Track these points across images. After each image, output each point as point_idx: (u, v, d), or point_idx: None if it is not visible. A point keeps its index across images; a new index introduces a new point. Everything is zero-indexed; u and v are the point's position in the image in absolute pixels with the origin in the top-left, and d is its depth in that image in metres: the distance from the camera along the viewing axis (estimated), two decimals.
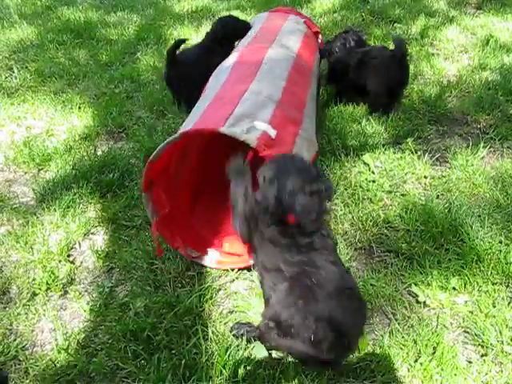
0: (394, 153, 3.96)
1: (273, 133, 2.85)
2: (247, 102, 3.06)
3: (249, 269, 3.04)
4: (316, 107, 3.87)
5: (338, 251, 2.61)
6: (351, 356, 2.55)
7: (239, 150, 2.78)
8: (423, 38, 5.74)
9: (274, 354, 2.58)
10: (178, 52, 4.43)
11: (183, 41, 4.47)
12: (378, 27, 6.08)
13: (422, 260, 3.05)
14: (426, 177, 3.74)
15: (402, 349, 2.59)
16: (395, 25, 6.14)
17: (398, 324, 2.72)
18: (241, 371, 2.48)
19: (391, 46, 4.36)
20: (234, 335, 2.65)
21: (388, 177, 3.74)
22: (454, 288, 2.90)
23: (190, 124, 2.97)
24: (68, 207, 3.60)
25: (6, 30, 6.68)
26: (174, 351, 2.61)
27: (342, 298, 2.23)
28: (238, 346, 2.59)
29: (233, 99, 3.09)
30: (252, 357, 2.56)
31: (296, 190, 2.25)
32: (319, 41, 4.53)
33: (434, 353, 2.55)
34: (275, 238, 2.33)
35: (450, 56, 5.43)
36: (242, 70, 3.53)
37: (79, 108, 4.83)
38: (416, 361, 2.53)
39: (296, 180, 2.28)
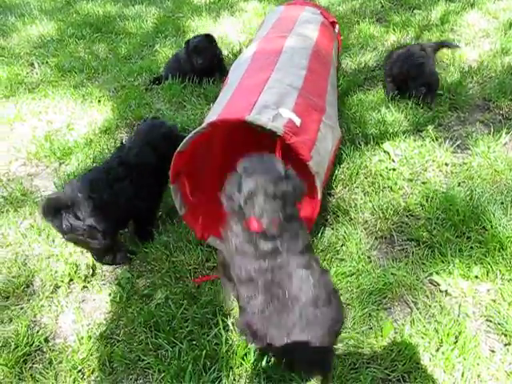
0: (415, 140, 3.91)
1: (298, 121, 2.85)
2: (272, 89, 3.06)
3: None
4: (337, 95, 3.85)
5: (312, 250, 2.55)
6: (374, 342, 2.55)
7: (264, 137, 2.79)
8: (443, 23, 5.64)
9: None
10: None
11: None
12: (397, 14, 5.99)
13: (443, 248, 3.02)
14: (446, 164, 3.69)
15: (423, 338, 2.57)
16: (415, 11, 6.05)
17: (420, 313, 2.70)
18: (261, 362, 2.49)
19: (411, 34, 4.30)
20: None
21: (408, 165, 3.70)
22: (476, 276, 2.86)
23: (214, 115, 2.98)
24: None
25: (27, 26, 6.74)
26: (194, 342, 2.63)
27: (316, 307, 2.18)
28: None
29: (256, 87, 3.09)
30: None
31: (256, 191, 2.20)
32: (336, 30, 4.48)
33: (456, 342, 2.53)
34: (242, 247, 2.29)
35: (471, 41, 5.33)
36: (262, 60, 3.53)
37: (99, 101, 4.87)
38: (437, 350, 2.52)
39: (258, 181, 2.21)
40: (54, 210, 2.86)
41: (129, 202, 3.08)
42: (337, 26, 4.49)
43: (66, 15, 7.05)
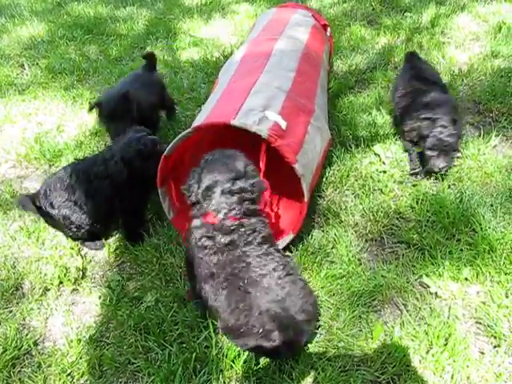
0: None
1: (283, 124, 2.87)
2: (259, 93, 3.08)
3: None
4: (327, 97, 3.86)
5: (273, 241, 2.58)
6: (365, 345, 2.56)
7: (251, 141, 2.80)
8: (434, 26, 5.66)
9: None
10: None
11: None
12: (389, 17, 6.01)
13: (433, 251, 3.04)
14: None
15: (413, 340, 2.58)
16: (406, 14, 6.06)
17: (410, 315, 2.71)
18: (251, 364, 2.49)
19: (402, 36, 4.26)
20: None
21: (399, 167, 3.71)
22: (465, 278, 2.88)
23: (202, 118, 3.01)
24: None
25: (17, 27, 6.70)
26: (184, 345, 2.62)
27: (278, 289, 2.29)
28: None
29: (243, 92, 3.11)
30: None
31: (213, 186, 2.37)
32: (328, 33, 4.49)
33: (446, 344, 2.54)
34: (202, 241, 2.39)
35: (461, 44, 5.35)
36: (251, 62, 3.54)
37: (89, 103, 4.83)
38: (427, 352, 2.53)
39: (216, 177, 2.38)
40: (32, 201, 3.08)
41: (108, 201, 3.13)
42: (328, 29, 4.50)
43: (56, 16, 7.00)
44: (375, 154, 3.83)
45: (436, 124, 3.42)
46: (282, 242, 2.99)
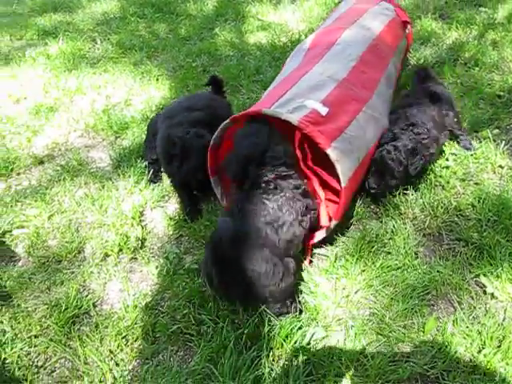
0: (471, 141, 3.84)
1: (324, 110, 2.89)
2: (302, 83, 3.15)
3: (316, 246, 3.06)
4: (393, 90, 3.83)
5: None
6: (416, 337, 2.56)
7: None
8: (510, 22, 5.46)
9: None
10: None
11: None
12: (462, 11, 5.84)
13: (492, 251, 2.97)
14: (502, 167, 3.61)
15: (465, 338, 2.54)
16: (480, 8, 5.88)
17: (464, 313, 2.67)
18: (302, 344, 2.52)
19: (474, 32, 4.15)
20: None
21: (462, 164, 3.64)
22: None
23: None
24: (142, 174, 3.73)
25: (92, 3, 6.91)
26: (236, 321, 2.68)
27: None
28: (300, 320, 2.64)
29: (292, 81, 3.21)
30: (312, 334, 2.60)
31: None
32: (407, 31, 4.41)
33: (500, 346, 2.49)
34: None
35: None
36: (313, 51, 3.60)
37: (157, 80, 4.97)
38: (479, 352, 2.48)
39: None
40: None
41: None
42: (409, 26, 4.42)
43: None
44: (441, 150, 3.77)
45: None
46: (326, 231, 2.98)
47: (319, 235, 2.98)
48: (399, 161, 3.17)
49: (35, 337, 2.71)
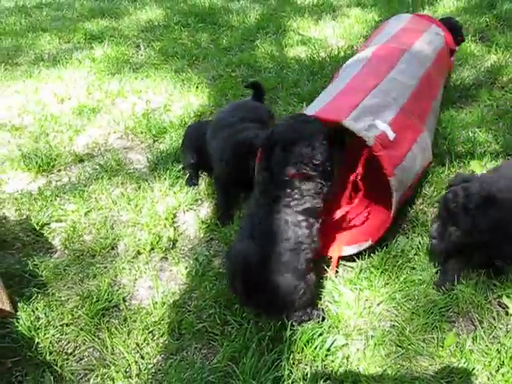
0: None
1: (391, 135, 2.89)
2: (375, 99, 3.12)
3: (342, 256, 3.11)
4: (436, 120, 3.88)
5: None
6: (434, 352, 2.59)
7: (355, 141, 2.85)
8: None
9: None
10: None
11: None
12: (503, 34, 5.83)
13: None
14: None
15: (484, 356, 2.55)
16: None
17: (484, 332, 2.68)
18: (322, 350, 2.58)
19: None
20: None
21: None
22: None
23: (315, 109, 3.10)
24: (177, 178, 3.85)
25: (138, 11, 7.13)
26: (260, 324, 2.74)
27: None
28: (321, 326, 2.69)
29: (361, 93, 3.16)
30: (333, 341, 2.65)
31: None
32: (452, 59, 4.44)
33: None
34: None
35: None
36: (376, 66, 3.59)
37: (197, 87, 5.10)
38: (497, 371, 2.49)
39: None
40: None
41: None
42: (454, 55, 4.44)
43: (173, 3, 7.39)
44: (470, 170, 3.78)
45: None
46: (358, 247, 3.04)
47: (349, 250, 3.04)
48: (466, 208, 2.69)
49: (66, 325, 2.82)
